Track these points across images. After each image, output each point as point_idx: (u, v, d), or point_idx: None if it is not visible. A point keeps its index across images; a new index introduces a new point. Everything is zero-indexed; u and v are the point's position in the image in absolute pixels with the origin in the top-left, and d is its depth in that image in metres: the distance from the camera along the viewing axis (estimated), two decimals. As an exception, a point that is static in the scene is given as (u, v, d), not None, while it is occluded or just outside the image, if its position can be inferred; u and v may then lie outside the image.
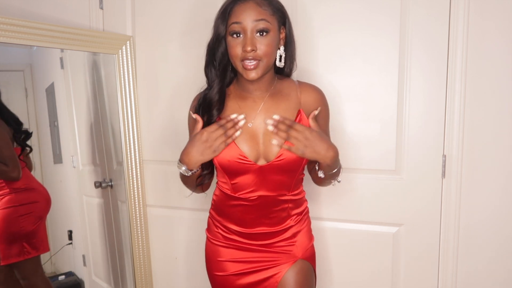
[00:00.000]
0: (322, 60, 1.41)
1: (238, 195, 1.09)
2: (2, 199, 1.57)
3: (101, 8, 1.69)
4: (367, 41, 1.35)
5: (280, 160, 1.03)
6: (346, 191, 1.44)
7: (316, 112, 1.04)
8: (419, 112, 1.33)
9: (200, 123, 1.05)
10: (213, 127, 1.00)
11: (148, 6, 1.64)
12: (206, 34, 1.55)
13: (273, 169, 1.04)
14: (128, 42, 1.65)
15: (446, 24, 1.26)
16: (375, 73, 1.36)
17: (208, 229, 1.23)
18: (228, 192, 1.11)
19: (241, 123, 1.02)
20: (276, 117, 0.99)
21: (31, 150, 1.62)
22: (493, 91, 1.24)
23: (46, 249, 1.69)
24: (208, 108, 1.07)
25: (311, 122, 1.02)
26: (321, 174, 1.06)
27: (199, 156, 1.00)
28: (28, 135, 1.63)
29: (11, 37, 1.33)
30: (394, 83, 1.34)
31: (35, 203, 1.66)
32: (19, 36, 1.35)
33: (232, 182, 1.08)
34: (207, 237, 1.23)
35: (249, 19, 0.97)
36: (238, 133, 1.02)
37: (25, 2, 1.52)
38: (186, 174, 1.05)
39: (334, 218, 1.47)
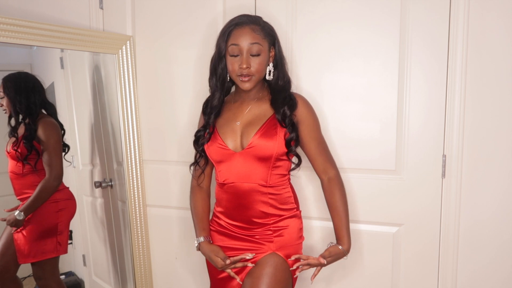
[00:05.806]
0: (322, 59, 1.41)
1: (223, 181, 1.26)
2: None
3: (101, 8, 1.69)
4: (367, 40, 1.35)
5: (251, 146, 1.20)
6: (346, 191, 1.43)
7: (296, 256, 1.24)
8: (419, 112, 1.33)
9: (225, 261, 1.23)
10: (220, 264, 1.22)
11: (148, 6, 1.64)
12: (205, 34, 1.56)
13: (247, 155, 1.21)
14: (128, 42, 1.65)
15: (446, 22, 1.26)
16: (375, 73, 1.36)
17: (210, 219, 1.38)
18: (218, 180, 1.29)
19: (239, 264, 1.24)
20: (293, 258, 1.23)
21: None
22: (493, 91, 1.24)
23: (66, 250, 1.72)
24: (209, 112, 1.29)
25: (321, 260, 1.22)
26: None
27: (204, 254, 1.29)
28: (68, 148, 1.71)
29: (11, 37, 1.34)
30: (394, 82, 1.34)
31: (70, 200, 1.72)
32: (19, 36, 1.35)
33: (219, 169, 1.27)
34: None
35: (245, 42, 1.16)
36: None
37: (25, 2, 1.52)
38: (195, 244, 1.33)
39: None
